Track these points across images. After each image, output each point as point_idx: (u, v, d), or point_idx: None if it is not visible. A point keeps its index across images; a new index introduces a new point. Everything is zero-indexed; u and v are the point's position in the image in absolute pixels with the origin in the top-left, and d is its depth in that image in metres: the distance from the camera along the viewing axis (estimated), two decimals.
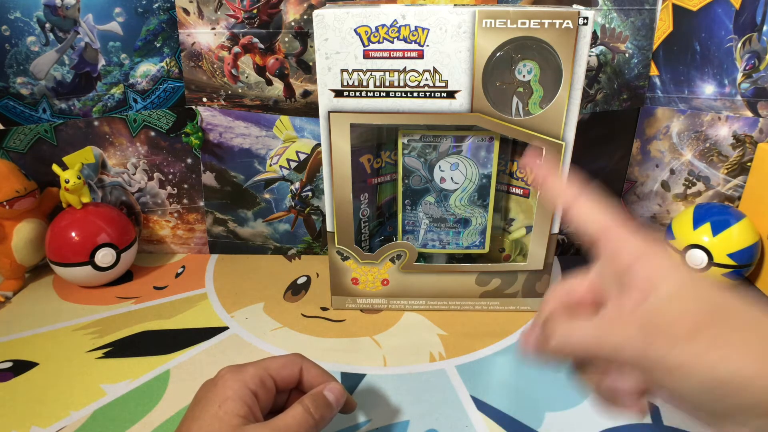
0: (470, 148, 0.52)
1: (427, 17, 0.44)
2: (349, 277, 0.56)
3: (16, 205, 0.58)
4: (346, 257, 0.55)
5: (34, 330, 0.54)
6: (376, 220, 0.57)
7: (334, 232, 0.54)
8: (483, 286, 0.56)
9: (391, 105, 0.47)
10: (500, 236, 0.58)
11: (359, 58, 0.46)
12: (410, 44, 0.45)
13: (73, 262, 0.58)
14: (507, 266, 0.56)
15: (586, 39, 0.44)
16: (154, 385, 0.46)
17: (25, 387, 0.46)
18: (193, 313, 0.57)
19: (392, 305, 0.57)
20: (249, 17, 0.58)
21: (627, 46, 0.59)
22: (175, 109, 0.62)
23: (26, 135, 0.62)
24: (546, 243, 0.53)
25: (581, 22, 0.44)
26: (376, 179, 0.55)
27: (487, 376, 0.48)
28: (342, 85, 0.47)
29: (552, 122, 0.47)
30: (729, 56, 0.58)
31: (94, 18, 0.58)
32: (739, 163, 0.62)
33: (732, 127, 0.61)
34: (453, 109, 0.47)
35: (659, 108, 0.62)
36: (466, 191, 0.53)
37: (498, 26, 0.44)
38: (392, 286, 0.56)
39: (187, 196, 0.66)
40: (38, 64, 0.59)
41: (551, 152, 0.48)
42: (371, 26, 0.45)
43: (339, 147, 0.49)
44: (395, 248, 0.54)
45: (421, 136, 0.51)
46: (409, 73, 0.46)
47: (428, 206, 0.54)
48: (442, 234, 0.55)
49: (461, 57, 0.45)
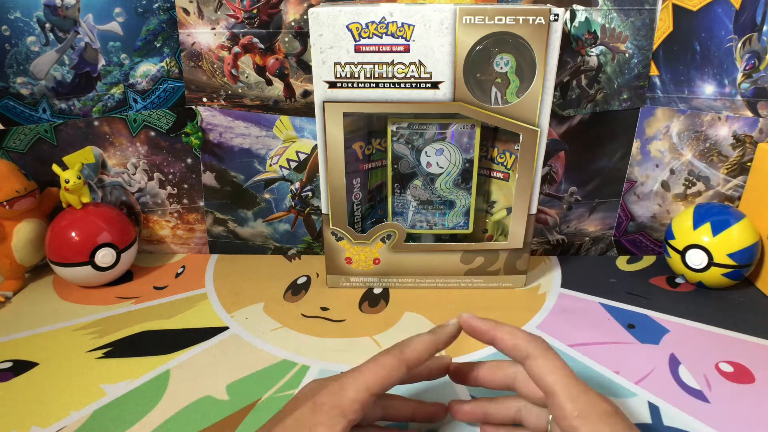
0: (454, 135, 0.55)
1: (412, 14, 0.48)
2: (343, 257, 0.59)
3: (16, 205, 0.58)
4: (340, 238, 0.58)
5: (34, 330, 0.54)
6: (368, 203, 0.61)
7: (328, 215, 0.57)
8: (467, 264, 0.60)
9: (381, 95, 0.51)
10: (483, 218, 0.62)
11: (351, 52, 0.50)
12: (397, 39, 0.49)
13: (73, 262, 0.58)
14: (489, 245, 0.60)
15: (557, 34, 0.49)
16: (154, 385, 0.46)
17: (25, 387, 0.46)
18: (193, 313, 0.57)
19: (383, 283, 0.61)
20: (249, 17, 0.58)
21: (627, 46, 0.59)
22: (175, 109, 0.62)
23: (26, 135, 0.62)
24: (525, 223, 0.57)
25: (552, 18, 0.48)
26: (367, 165, 0.58)
27: None
28: (335, 77, 0.51)
29: (528, 110, 0.51)
30: (729, 56, 0.58)
31: (94, 18, 0.58)
32: (739, 163, 0.62)
33: (732, 127, 0.61)
34: (437, 99, 0.51)
35: (659, 108, 0.62)
36: (451, 175, 0.57)
37: (477, 22, 0.48)
38: (383, 265, 0.60)
39: (187, 196, 0.66)
40: (38, 64, 0.59)
41: (528, 138, 0.52)
42: (362, 23, 0.48)
43: (333, 135, 0.53)
44: (386, 229, 0.58)
45: (408, 124, 0.55)
46: (397, 65, 0.50)
47: (416, 189, 0.58)
48: (429, 215, 0.59)
49: (444, 51, 0.49)
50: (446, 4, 0.48)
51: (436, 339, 0.36)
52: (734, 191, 0.63)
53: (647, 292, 0.60)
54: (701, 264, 0.57)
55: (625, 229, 0.68)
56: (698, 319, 0.55)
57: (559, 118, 0.62)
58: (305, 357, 0.50)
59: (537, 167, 0.54)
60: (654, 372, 0.48)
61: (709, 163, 0.63)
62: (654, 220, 0.67)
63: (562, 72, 0.60)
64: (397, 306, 0.58)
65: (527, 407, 0.37)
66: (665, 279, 0.63)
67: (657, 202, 0.66)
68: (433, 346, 0.36)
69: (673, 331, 0.54)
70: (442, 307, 0.58)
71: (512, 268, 0.60)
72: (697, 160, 0.63)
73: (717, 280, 0.58)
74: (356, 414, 0.32)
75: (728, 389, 0.46)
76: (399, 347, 0.35)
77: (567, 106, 0.62)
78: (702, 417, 0.43)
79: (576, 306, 0.58)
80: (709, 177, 0.64)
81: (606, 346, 0.51)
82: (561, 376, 0.32)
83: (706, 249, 0.57)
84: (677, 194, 0.65)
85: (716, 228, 0.57)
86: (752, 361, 0.49)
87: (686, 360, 0.49)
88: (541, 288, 0.62)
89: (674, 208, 0.66)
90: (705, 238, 0.57)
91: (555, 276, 0.64)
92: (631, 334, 0.53)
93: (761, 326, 0.54)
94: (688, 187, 0.65)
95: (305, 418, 0.31)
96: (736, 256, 0.56)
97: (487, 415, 0.39)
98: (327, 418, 0.31)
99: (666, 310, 0.57)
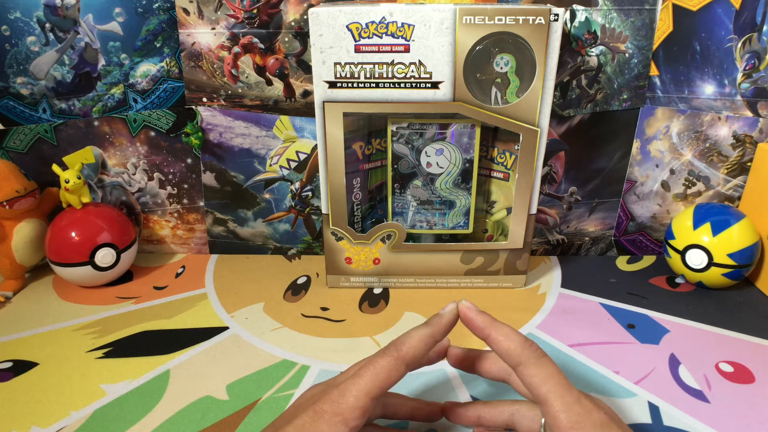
0: (454, 135, 0.55)
1: (412, 14, 0.48)
2: (343, 257, 0.59)
3: (16, 205, 0.58)
4: (340, 238, 0.58)
5: (34, 330, 0.54)
6: (368, 203, 0.61)
7: (328, 215, 0.57)
8: (467, 264, 0.60)
9: (381, 95, 0.51)
10: (483, 217, 0.62)
11: (351, 52, 0.50)
12: (397, 39, 0.49)
13: (73, 262, 0.58)
14: (489, 245, 0.60)
15: (557, 34, 0.48)
16: (154, 385, 0.46)
17: (25, 387, 0.46)
18: (193, 313, 0.57)
19: (383, 283, 0.61)
20: (249, 17, 0.58)
21: (627, 46, 0.59)
22: (175, 109, 0.62)
23: (26, 135, 0.62)
24: (525, 223, 0.57)
25: (552, 18, 0.48)
26: (367, 165, 0.58)
27: None
28: (335, 77, 0.51)
29: (528, 110, 0.51)
30: (729, 56, 0.58)
31: (94, 18, 0.58)
32: (739, 163, 0.62)
33: (732, 127, 0.61)
34: (437, 99, 0.51)
35: (659, 108, 0.62)
36: (451, 175, 0.57)
37: (477, 22, 0.48)
38: (383, 265, 0.60)
39: (187, 196, 0.66)
40: (38, 64, 0.59)
41: (528, 138, 0.52)
42: (362, 23, 0.48)
43: (333, 135, 0.53)
44: (386, 229, 0.58)
45: (408, 124, 0.55)
46: (397, 65, 0.50)
47: (416, 189, 0.58)
48: (429, 215, 0.59)
49: (444, 51, 0.49)
50: (446, 4, 0.48)
51: (433, 332, 0.36)
52: (734, 191, 0.63)
53: (647, 292, 0.60)
54: (701, 264, 0.57)
55: (625, 229, 0.68)
56: (698, 319, 0.55)
57: (559, 118, 0.62)
58: (305, 357, 0.50)
59: (537, 167, 0.54)
60: (654, 372, 0.48)
61: (709, 163, 0.63)
62: (654, 220, 0.67)
63: (562, 72, 0.60)
64: (397, 306, 0.58)
65: (519, 412, 0.37)
66: (665, 279, 0.63)
67: (657, 202, 0.66)
68: (430, 339, 0.35)
69: (673, 331, 0.54)
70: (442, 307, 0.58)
71: (512, 268, 0.60)
72: (697, 160, 0.63)
73: (717, 280, 0.58)
74: (358, 421, 0.32)
75: (728, 389, 0.46)
76: (395, 346, 0.35)
77: (567, 106, 0.62)
78: (702, 417, 0.43)
79: (576, 306, 0.58)
80: (709, 177, 0.64)
81: (606, 346, 0.51)
82: (554, 385, 0.32)
83: (706, 249, 0.57)
84: (677, 194, 0.65)
85: (716, 228, 0.57)
86: (752, 361, 0.49)
87: (686, 360, 0.49)
88: (541, 288, 0.62)
89: (674, 208, 0.66)
90: (705, 238, 0.57)
91: (555, 276, 0.64)
92: (631, 334, 0.53)
93: (761, 326, 0.54)
94: (688, 187, 0.65)
95: (306, 426, 0.31)
96: (736, 256, 0.56)
97: (480, 419, 0.39)
98: (328, 427, 0.31)
99: (666, 310, 0.57)
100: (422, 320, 0.56)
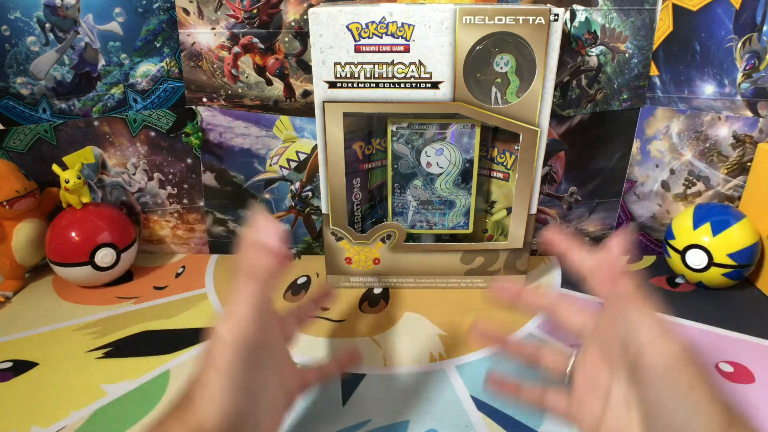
0: (454, 135, 0.55)
1: (412, 14, 0.48)
2: (343, 257, 0.59)
3: (16, 205, 0.58)
4: (340, 238, 0.58)
5: (34, 330, 0.54)
6: (368, 203, 0.61)
7: (328, 214, 0.57)
8: (467, 264, 0.60)
9: (381, 95, 0.51)
10: (483, 218, 0.62)
11: (351, 52, 0.50)
12: (397, 39, 0.49)
13: (73, 262, 0.58)
14: (489, 245, 0.60)
15: (557, 34, 0.48)
16: (154, 385, 0.46)
17: (25, 387, 0.46)
18: (193, 313, 0.57)
19: (383, 283, 0.61)
20: (249, 17, 0.58)
21: (627, 46, 0.59)
22: (175, 109, 0.62)
23: (26, 135, 0.62)
24: (525, 223, 0.57)
25: (552, 18, 0.48)
26: (367, 165, 0.59)
27: None
28: (335, 77, 0.51)
29: (528, 110, 0.51)
30: (729, 56, 0.58)
31: (94, 18, 0.58)
32: (739, 163, 0.62)
33: (732, 127, 0.61)
34: (437, 99, 0.51)
35: (659, 108, 0.62)
36: (451, 175, 0.57)
37: (477, 22, 0.48)
38: (383, 265, 0.60)
39: (187, 196, 0.66)
40: (38, 64, 0.59)
41: (528, 138, 0.52)
42: (362, 23, 0.48)
43: (333, 134, 0.53)
44: (386, 229, 0.58)
45: (408, 124, 0.55)
46: (397, 65, 0.50)
47: (416, 189, 0.58)
48: (429, 215, 0.59)
49: (444, 51, 0.49)
50: (446, 4, 0.48)
51: None
52: (734, 191, 0.63)
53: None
54: (701, 264, 0.57)
55: None
56: (698, 319, 0.55)
57: (559, 118, 0.62)
58: (305, 357, 0.50)
59: (537, 167, 0.54)
60: None
61: (709, 163, 0.63)
62: (654, 220, 0.67)
63: (562, 72, 0.60)
64: (397, 306, 0.58)
65: (548, 346, 0.37)
66: (665, 279, 0.63)
67: (657, 202, 0.66)
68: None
69: None
70: (442, 306, 0.58)
71: (512, 268, 0.60)
72: (697, 160, 0.63)
73: (717, 280, 0.58)
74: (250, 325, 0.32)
75: (728, 389, 0.46)
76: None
77: (567, 106, 0.62)
78: None
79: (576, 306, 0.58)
80: (709, 177, 0.64)
81: None
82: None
83: (706, 249, 0.57)
84: (677, 194, 0.65)
85: (716, 228, 0.57)
86: (752, 361, 0.49)
87: None
88: (541, 288, 0.62)
89: (674, 208, 0.66)
90: (705, 238, 0.57)
91: (555, 276, 0.64)
92: None
93: (761, 326, 0.54)
94: (688, 187, 0.65)
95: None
96: (736, 256, 0.56)
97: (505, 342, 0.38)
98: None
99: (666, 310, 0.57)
100: (422, 320, 0.56)
